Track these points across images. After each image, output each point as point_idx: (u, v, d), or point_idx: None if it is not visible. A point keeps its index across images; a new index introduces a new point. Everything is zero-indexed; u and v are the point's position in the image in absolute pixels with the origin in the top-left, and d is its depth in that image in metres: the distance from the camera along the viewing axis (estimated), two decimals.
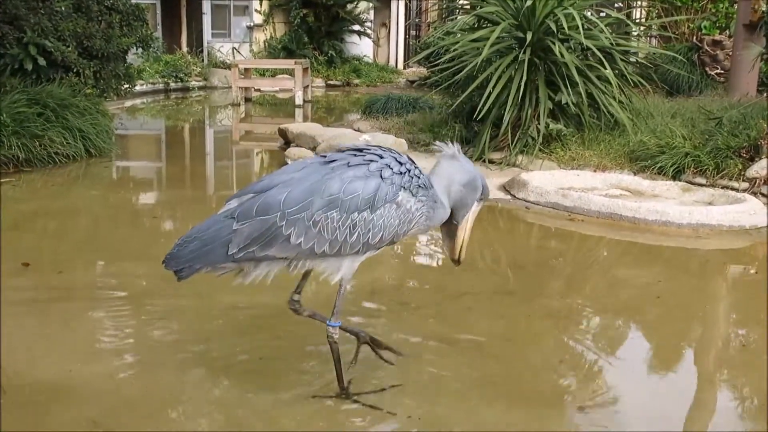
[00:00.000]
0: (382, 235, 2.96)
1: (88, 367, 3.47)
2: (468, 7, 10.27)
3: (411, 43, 26.68)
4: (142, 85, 17.01)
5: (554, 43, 7.97)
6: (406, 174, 3.00)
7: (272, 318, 4.09)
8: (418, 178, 3.03)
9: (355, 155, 3.03)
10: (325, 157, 3.07)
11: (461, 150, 3.18)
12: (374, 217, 2.92)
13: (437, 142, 3.21)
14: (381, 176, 2.94)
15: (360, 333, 3.44)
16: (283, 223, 2.85)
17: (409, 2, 26.77)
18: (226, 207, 2.99)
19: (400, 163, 3.01)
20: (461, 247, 3.20)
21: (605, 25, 8.36)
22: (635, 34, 10.79)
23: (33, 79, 9.18)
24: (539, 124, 8.24)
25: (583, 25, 7.85)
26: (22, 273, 4.74)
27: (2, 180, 7.41)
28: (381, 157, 3.01)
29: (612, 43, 8.35)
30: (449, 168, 3.12)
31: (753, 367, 3.70)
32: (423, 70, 20.30)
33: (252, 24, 23.39)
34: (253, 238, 2.87)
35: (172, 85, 19.00)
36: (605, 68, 8.14)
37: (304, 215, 2.85)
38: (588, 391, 3.38)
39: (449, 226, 3.22)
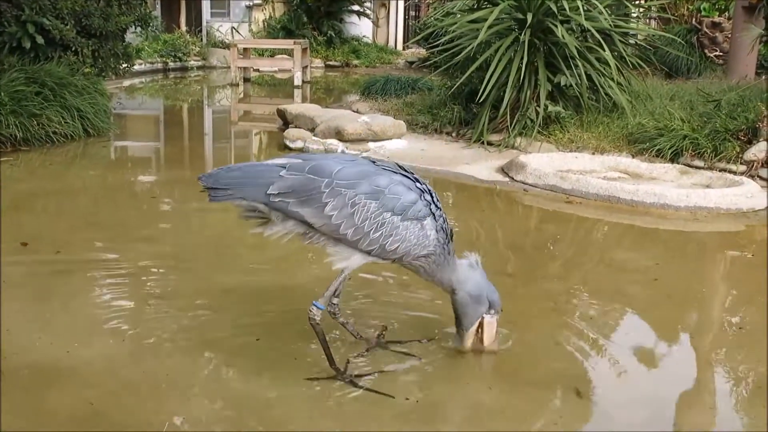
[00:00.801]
0: (399, 246, 3.11)
1: (87, 349, 3.48)
2: None
3: (410, 23, 26.57)
4: (140, 64, 16.96)
5: (555, 25, 7.94)
6: (439, 210, 3.20)
7: (271, 301, 4.11)
8: (445, 221, 3.23)
9: (401, 168, 3.24)
10: (374, 161, 3.26)
11: (477, 260, 3.39)
12: (400, 226, 3.07)
13: (465, 253, 3.41)
14: (421, 197, 3.13)
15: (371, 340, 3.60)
16: (327, 190, 3.00)
17: None
18: (276, 160, 3.16)
19: (438, 200, 3.22)
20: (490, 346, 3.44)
21: (605, 7, 8.34)
22: (634, 15, 10.75)
23: (31, 57, 9.14)
24: (538, 106, 8.23)
25: (582, 6, 7.83)
26: (20, 253, 4.75)
27: (0, 159, 7.41)
28: (424, 183, 3.21)
29: (611, 25, 8.34)
30: (465, 272, 3.32)
31: (750, 349, 3.73)
32: (422, 51, 20.24)
33: (251, 3, 23.28)
34: (294, 190, 3.01)
35: (171, 64, 18.93)
36: (604, 50, 8.12)
37: (348, 193, 3.00)
38: (585, 374, 3.40)
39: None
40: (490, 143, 8.44)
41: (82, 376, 3.25)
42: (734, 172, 6.97)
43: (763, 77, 10.98)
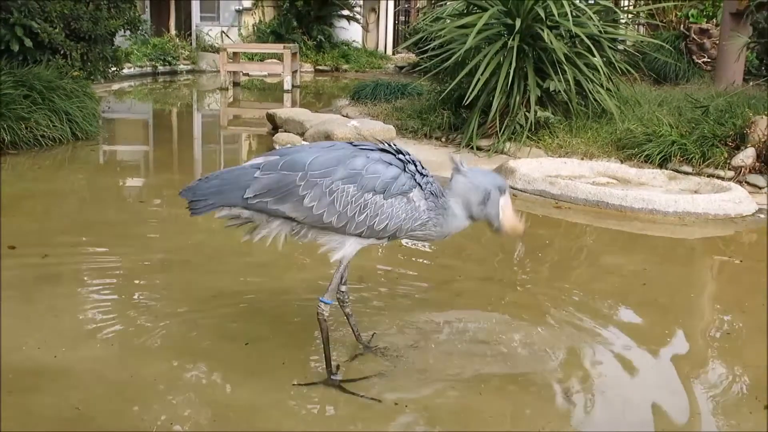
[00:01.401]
0: (388, 223, 3.05)
1: (73, 353, 3.47)
2: None
3: (400, 28, 26.61)
4: (129, 68, 16.92)
5: (543, 30, 7.97)
6: (425, 177, 3.13)
7: (259, 304, 4.10)
8: (432, 185, 3.15)
9: (384, 147, 3.17)
10: (352, 143, 3.19)
11: (462, 162, 3.23)
12: (384, 204, 3.01)
13: (453, 156, 3.28)
14: (404, 168, 3.07)
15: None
16: (303, 183, 2.97)
17: None
18: (253, 161, 3.12)
19: (423, 167, 3.15)
20: (515, 227, 3.20)
21: (593, 13, 8.37)
22: (623, 21, 10.80)
23: (19, 60, 9.12)
24: (527, 111, 8.25)
25: (571, 12, 7.86)
26: (7, 256, 4.72)
27: None
28: (407, 155, 3.14)
29: (600, 31, 8.37)
30: (463, 186, 3.17)
31: (737, 353, 3.74)
32: (412, 56, 20.26)
33: (241, 8, 23.28)
34: (270, 189, 2.98)
35: (160, 68, 18.91)
36: (593, 56, 8.15)
37: (324, 182, 2.96)
38: (574, 379, 3.40)
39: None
40: (479, 148, 8.46)
41: (69, 379, 3.23)
42: (722, 178, 7.00)
43: (751, 83, 11.05)
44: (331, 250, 3.13)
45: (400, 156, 3.11)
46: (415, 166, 3.11)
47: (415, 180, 3.08)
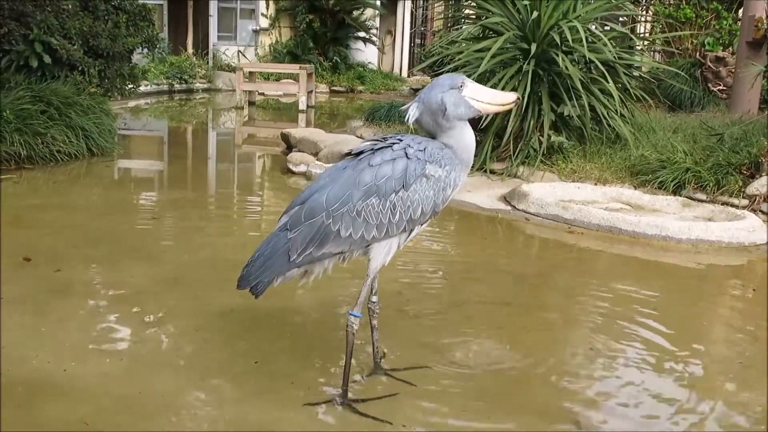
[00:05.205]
0: (422, 208, 3.10)
1: (83, 366, 3.48)
2: (474, 17, 10.30)
3: (416, 51, 26.72)
4: (146, 85, 17.07)
5: (558, 55, 7.98)
6: (426, 148, 3.11)
7: (269, 322, 4.10)
8: (434, 150, 3.13)
9: (377, 142, 3.19)
10: (350, 153, 3.21)
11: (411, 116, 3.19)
12: (409, 194, 3.06)
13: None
14: (406, 154, 3.08)
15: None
16: (330, 220, 3.05)
17: (415, 10, 26.82)
18: (279, 223, 3.21)
19: (419, 142, 3.14)
20: (503, 101, 3.19)
21: (609, 39, 8.37)
22: (639, 48, 10.81)
23: (38, 76, 9.21)
24: (541, 135, 8.25)
25: (587, 38, 7.87)
26: (18, 270, 4.74)
27: (3, 177, 7.43)
28: (401, 140, 3.15)
29: (615, 57, 8.37)
30: (427, 116, 3.15)
31: (749, 383, 3.71)
32: (427, 79, 20.33)
33: (258, 28, 23.45)
34: (308, 241, 3.08)
35: (177, 86, 19.05)
36: (608, 82, 8.15)
37: (347, 208, 3.04)
38: (583, 405, 3.38)
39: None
40: (492, 171, 8.45)
41: (78, 393, 3.24)
42: (736, 206, 6.97)
43: (766, 112, 11.02)
44: (384, 257, 3.19)
45: (396, 146, 3.10)
46: (412, 147, 3.08)
47: (421, 158, 3.07)
